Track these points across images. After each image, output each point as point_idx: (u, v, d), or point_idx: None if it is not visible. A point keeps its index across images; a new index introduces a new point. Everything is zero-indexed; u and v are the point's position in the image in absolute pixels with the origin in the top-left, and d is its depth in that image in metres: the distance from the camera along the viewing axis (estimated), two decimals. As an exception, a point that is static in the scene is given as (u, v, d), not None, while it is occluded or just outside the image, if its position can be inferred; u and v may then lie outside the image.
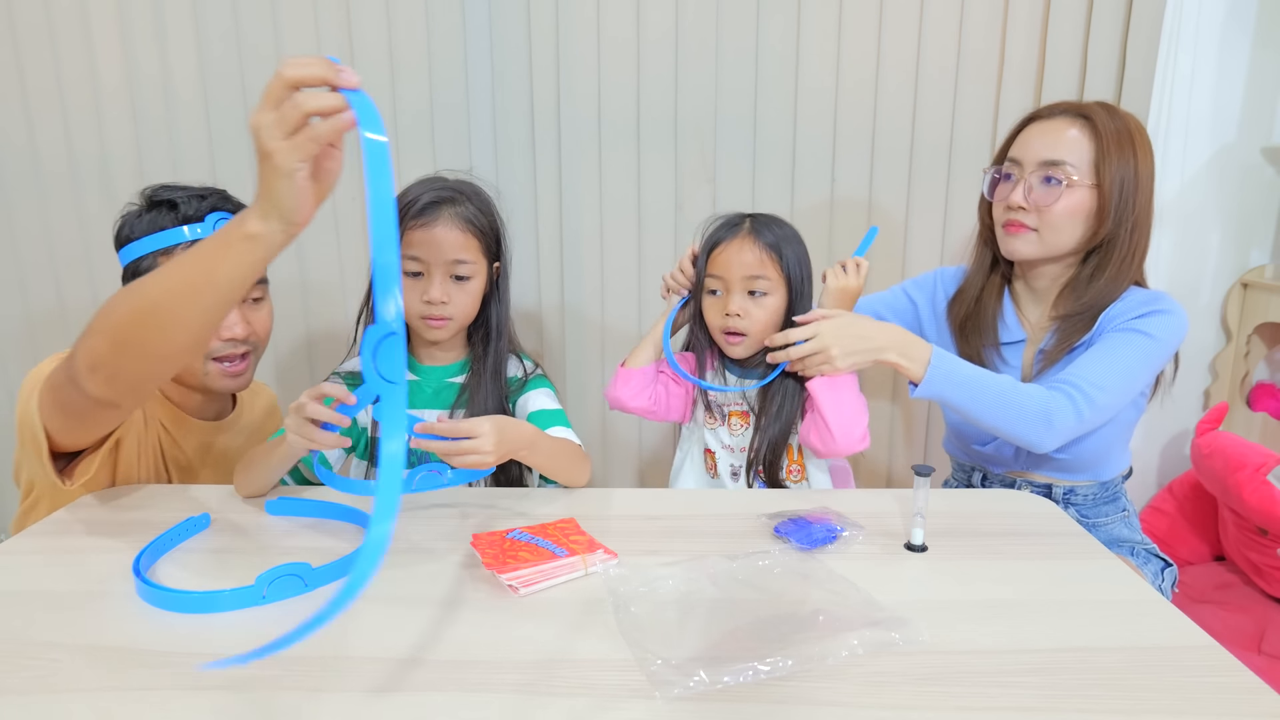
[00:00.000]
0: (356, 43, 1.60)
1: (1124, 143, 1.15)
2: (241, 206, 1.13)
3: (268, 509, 1.00)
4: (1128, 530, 1.29)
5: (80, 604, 0.79)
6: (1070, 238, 1.18)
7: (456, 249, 1.12)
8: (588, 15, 1.59)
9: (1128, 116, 1.18)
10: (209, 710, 0.63)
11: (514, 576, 0.82)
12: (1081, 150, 1.16)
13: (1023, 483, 1.30)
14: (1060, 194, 1.16)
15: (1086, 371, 1.12)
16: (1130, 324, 1.14)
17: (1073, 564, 0.89)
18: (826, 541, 0.92)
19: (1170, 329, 1.14)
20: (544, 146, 1.66)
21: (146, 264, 1.06)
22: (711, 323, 1.20)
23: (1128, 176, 1.14)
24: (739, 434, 1.23)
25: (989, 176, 1.26)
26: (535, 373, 1.25)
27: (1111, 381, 1.11)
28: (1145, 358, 1.13)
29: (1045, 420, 1.09)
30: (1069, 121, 1.18)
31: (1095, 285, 1.18)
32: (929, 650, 0.71)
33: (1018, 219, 1.20)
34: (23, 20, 1.59)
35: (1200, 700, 0.64)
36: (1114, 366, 1.12)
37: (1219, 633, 0.76)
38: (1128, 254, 1.17)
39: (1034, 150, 1.18)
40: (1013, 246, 1.21)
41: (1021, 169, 1.20)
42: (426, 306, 1.13)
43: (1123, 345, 1.13)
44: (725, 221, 1.19)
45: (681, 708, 0.63)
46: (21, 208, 1.68)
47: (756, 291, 1.15)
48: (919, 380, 1.11)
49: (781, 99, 1.63)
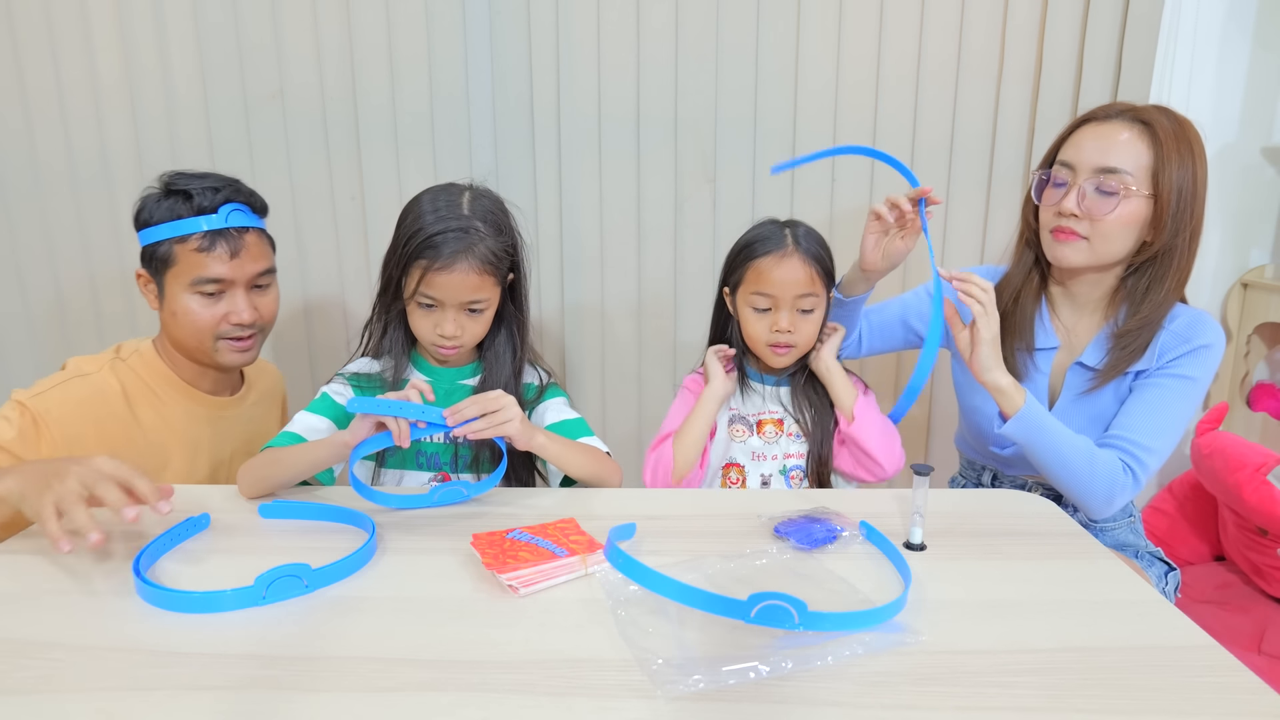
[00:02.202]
0: (356, 43, 1.60)
1: (1183, 149, 1.11)
2: (254, 196, 1.19)
3: (261, 512, 1.00)
4: (1133, 535, 1.29)
5: (80, 604, 0.79)
6: (1122, 247, 1.15)
7: (472, 290, 1.12)
8: (588, 15, 1.59)
9: (1184, 120, 1.14)
10: (209, 710, 0.63)
11: (514, 576, 0.82)
12: (1139, 157, 1.11)
13: (1034, 485, 1.30)
14: (1117, 204, 1.11)
15: (1141, 434, 1.13)
16: (1176, 367, 1.14)
17: (1073, 564, 0.89)
18: (826, 541, 0.92)
19: (1210, 365, 1.15)
20: (544, 146, 1.66)
21: (164, 249, 1.15)
22: (755, 336, 1.19)
23: (1185, 184, 1.10)
24: (772, 441, 1.23)
25: (1037, 178, 1.21)
26: (550, 382, 1.26)
27: (1162, 442, 1.14)
28: (1189, 405, 1.15)
29: (1108, 497, 1.13)
30: (1125, 125, 1.13)
31: (1152, 298, 1.15)
32: (929, 650, 0.71)
33: (1069, 225, 1.15)
34: (23, 20, 1.59)
35: (1200, 700, 0.64)
36: (1164, 423, 1.14)
37: (1219, 633, 0.76)
38: (1184, 264, 1.15)
39: (1088, 155, 1.13)
40: (1062, 254, 1.17)
41: (1075, 174, 1.15)
42: (439, 338, 1.14)
43: (1171, 397, 1.14)
44: (764, 234, 1.18)
45: (681, 707, 0.63)
46: (21, 208, 1.68)
47: (806, 308, 1.16)
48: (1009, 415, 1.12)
49: (781, 99, 1.63)
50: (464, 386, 1.21)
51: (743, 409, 1.25)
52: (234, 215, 1.15)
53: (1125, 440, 1.14)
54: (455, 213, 1.12)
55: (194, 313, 1.17)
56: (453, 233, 1.10)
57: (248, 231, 1.18)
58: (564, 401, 1.24)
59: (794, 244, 1.16)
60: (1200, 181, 1.12)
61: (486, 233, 1.12)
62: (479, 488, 1.05)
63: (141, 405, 1.19)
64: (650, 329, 1.74)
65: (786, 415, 1.23)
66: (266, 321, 1.23)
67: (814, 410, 1.23)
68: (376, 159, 1.65)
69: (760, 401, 1.25)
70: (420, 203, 1.14)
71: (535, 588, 0.81)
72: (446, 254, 1.09)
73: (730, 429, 1.24)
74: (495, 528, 0.94)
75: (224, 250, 1.15)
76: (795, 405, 1.24)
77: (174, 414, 1.22)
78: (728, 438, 1.24)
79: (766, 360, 1.21)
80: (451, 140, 1.65)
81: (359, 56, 1.60)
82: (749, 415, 1.24)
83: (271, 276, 1.23)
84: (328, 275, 1.72)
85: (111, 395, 1.16)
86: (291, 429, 1.12)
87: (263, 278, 1.21)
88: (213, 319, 1.17)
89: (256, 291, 1.21)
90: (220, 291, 1.17)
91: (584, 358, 1.76)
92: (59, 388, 1.13)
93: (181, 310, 1.17)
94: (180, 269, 1.15)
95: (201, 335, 1.18)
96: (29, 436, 1.07)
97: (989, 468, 1.35)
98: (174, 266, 1.15)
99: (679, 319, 1.73)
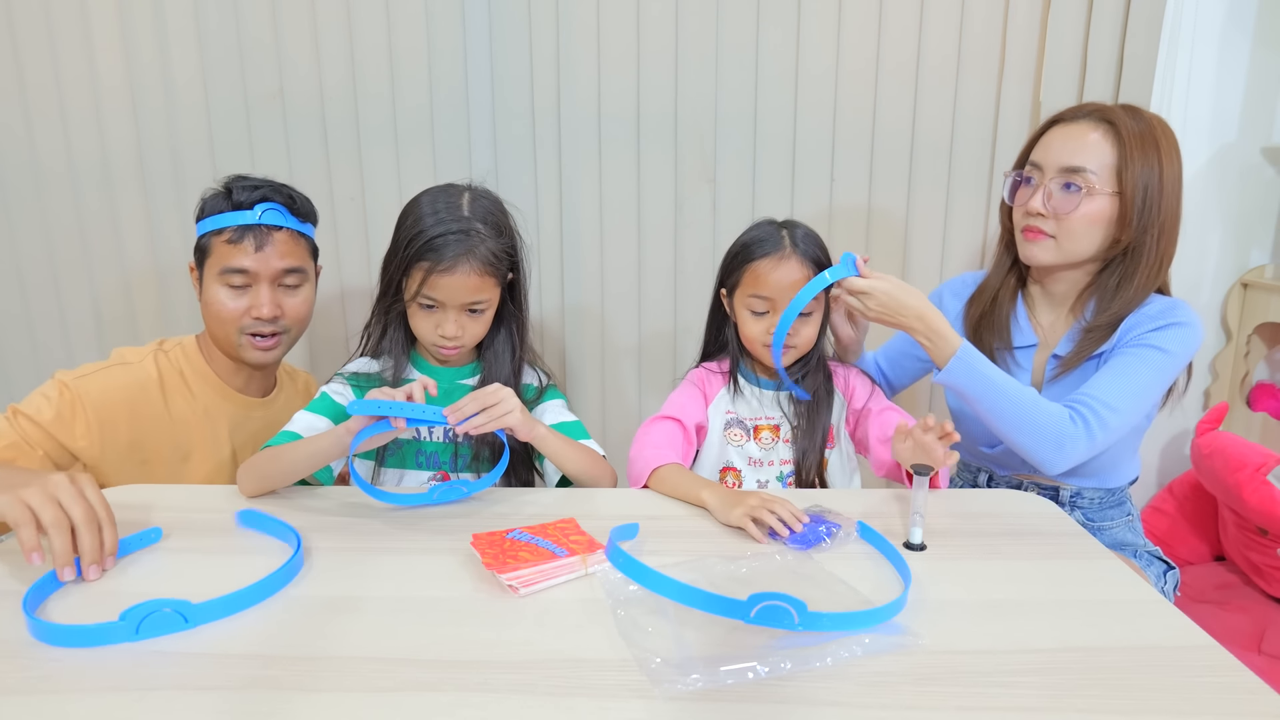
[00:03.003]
0: (356, 43, 1.60)
1: (1148, 147, 1.13)
2: (295, 200, 1.23)
3: (239, 520, 0.98)
4: (1131, 535, 1.29)
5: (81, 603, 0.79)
6: (1089, 245, 1.17)
7: (473, 291, 1.12)
8: (588, 15, 1.59)
9: (1153, 119, 1.15)
10: (209, 710, 0.63)
11: (514, 576, 0.82)
12: (1103, 156, 1.14)
13: (1029, 485, 1.30)
14: (1080, 201, 1.14)
15: (1101, 391, 1.11)
16: (1146, 338, 1.13)
17: (1073, 564, 0.89)
18: (820, 540, 0.92)
19: (1185, 341, 1.13)
20: (544, 146, 1.65)
21: (204, 241, 1.21)
22: (753, 338, 1.18)
23: (1151, 182, 1.12)
24: (769, 448, 1.22)
25: (1010, 180, 1.24)
26: (549, 384, 1.26)
27: (1125, 403, 1.11)
28: (1158, 374, 1.12)
29: (1057, 444, 1.09)
30: (1091, 125, 1.15)
31: (1122, 294, 1.17)
32: (929, 650, 0.71)
33: (1036, 225, 1.18)
34: (23, 20, 1.59)
35: (1200, 700, 0.64)
36: (1128, 386, 1.11)
37: (1219, 633, 0.76)
38: (1154, 261, 1.15)
39: (1055, 155, 1.16)
40: (1031, 253, 1.20)
41: (1042, 174, 1.18)
42: (440, 338, 1.14)
43: (1137, 363, 1.12)
44: (761, 236, 1.17)
45: (681, 707, 0.63)
46: (21, 207, 1.68)
47: (804, 311, 1.14)
48: (941, 365, 1.12)
49: (781, 99, 1.63)
50: (464, 386, 1.21)
51: (740, 413, 1.23)
52: (268, 214, 1.19)
53: (1081, 395, 1.13)
54: (455, 214, 1.12)
55: (220, 303, 1.20)
56: (453, 234, 1.10)
57: (280, 230, 1.20)
58: (562, 404, 1.25)
59: (791, 246, 1.15)
60: (1168, 179, 1.14)
61: (487, 234, 1.12)
62: (480, 485, 1.06)
63: (175, 395, 1.22)
64: (650, 329, 1.74)
65: (784, 421, 1.23)
66: (292, 322, 1.24)
67: (807, 419, 1.21)
68: (376, 159, 1.65)
69: (758, 406, 1.23)
70: (420, 204, 1.14)
71: (535, 588, 0.81)
72: (448, 256, 1.09)
73: (726, 433, 1.23)
74: (495, 528, 0.94)
75: (250, 243, 1.18)
76: (794, 412, 1.22)
77: (204, 407, 1.24)
78: (723, 441, 1.23)
79: (764, 361, 1.20)
80: (451, 140, 1.65)
81: (359, 56, 1.60)
82: (746, 420, 1.23)
83: (302, 277, 1.24)
84: (328, 275, 1.71)
85: (149, 384, 1.20)
86: (291, 428, 1.12)
87: (290, 276, 1.22)
88: (237, 311, 1.20)
89: (284, 290, 1.23)
90: (246, 285, 1.19)
91: (584, 358, 1.76)
92: (102, 372, 1.17)
93: (211, 300, 1.20)
94: (214, 259, 1.19)
95: (227, 327, 1.21)
96: (65, 418, 1.12)
97: (984, 468, 1.36)
98: (210, 257, 1.20)
99: (679, 319, 1.73)
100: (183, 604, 0.74)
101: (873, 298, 1.11)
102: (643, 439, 1.17)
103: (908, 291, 1.12)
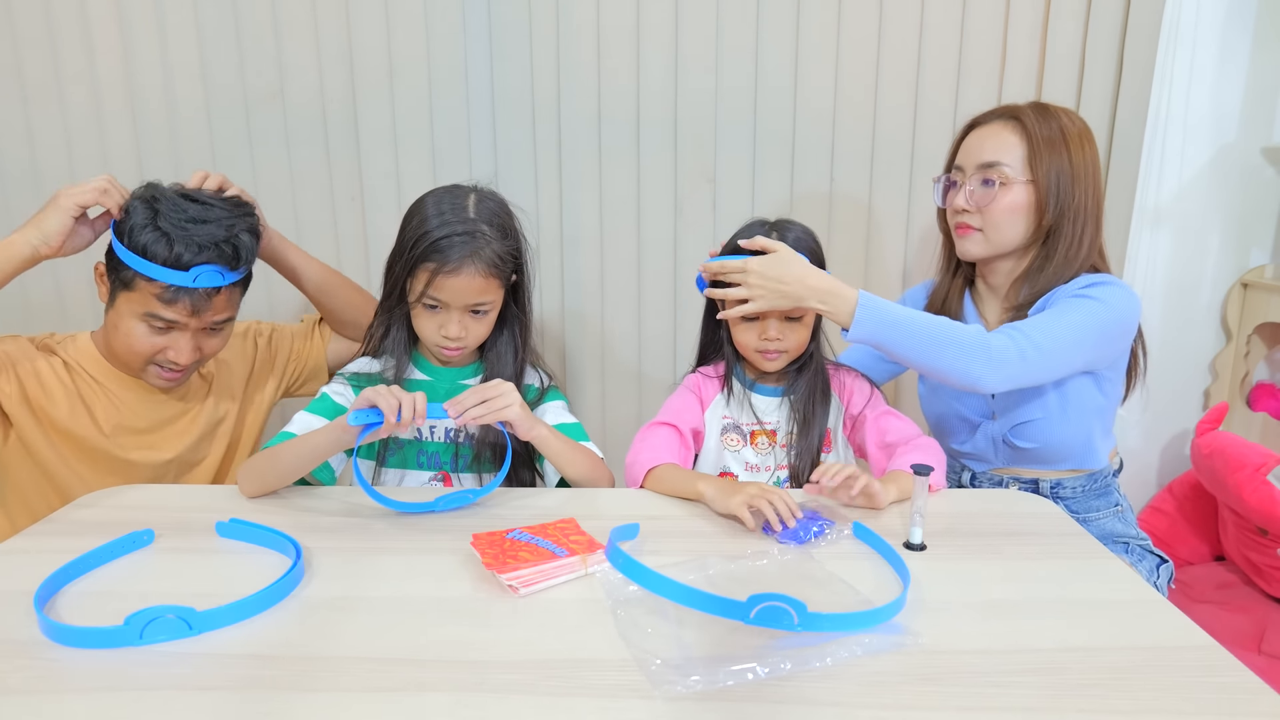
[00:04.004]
0: (356, 43, 1.60)
1: (1054, 139, 1.19)
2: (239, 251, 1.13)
3: (218, 530, 0.96)
4: (1121, 525, 1.29)
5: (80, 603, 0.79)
6: (1014, 233, 1.22)
7: (478, 293, 1.12)
8: (588, 15, 1.59)
9: (1061, 113, 1.22)
10: (209, 710, 0.63)
11: (514, 576, 0.82)
12: (1014, 150, 1.21)
13: (1009, 480, 1.31)
14: (996, 193, 1.21)
15: (1030, 323, 1.14)
16: (1077, 293, 1.16)
17: (1073, 564, 0.89)
18: (811, 537, 0.92)
19: (1118, 298, 1.15)
20: (544, 147, 1.65)
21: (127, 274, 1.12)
22: (745, 343, 1.18)
23: (1063, 170, 1.18)
24: (765, 453, 1.22)
25: (939, 185, 1.30)
26: (550, 385, 1.26)
27: (1055, 330, 1.12)
28: (1091, 317, 1.14)
29: (984, 351, 1.08)
30: (1003, 124, 1.23)
31: (1045, 274, 1.21)
32: (929, 650, 0.71)
33: (964, 220, 1.25)
34: (23, 20, 1.59)
35: (1200, 700, 0.64)
36: (1059, 321, 1.13)
37: (1219, 633, 0.76)
38: (1073, 243, 1.20)
39: (973, 154, 1.24)
40: (964, 248, 1.27)
41: (964, 174, 1.25)
42: (443, 339, 1.14)
43: (1069, 308, 1.15)
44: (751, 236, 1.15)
45: (681, 708, 0.63)
46: (22, 208, 1.68)
47: (794, 316, 1.14)
48: (847, 324, 1.09)
49: (781, 99, 1.63)
50: (465, 387, 1.21)
51: (737, 418, 1.23)
52: (203, 277, 1.09)
53: (1013, 324, 1.14)
54: (461, 216, 1.12)
55: (135, 337, 1.13)
56: (459, 236, 1.09)
57: (217, 291, 1.13)
58: (563, 405, 1.25)
59: None
60: (1079, 166, 1.19)
61: (492, 236, 1.12)
62: (483, 492, 1.05)
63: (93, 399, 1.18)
64: (650, 330, 1.74)
65: (781, 426, 1.22)
66: (207, 356, 1.19)
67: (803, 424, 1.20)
68: (376, 159, 1.65)
69: (754, 412, 1.22)
70: (426, 205, 1.14)
71: (535, 588, 0.81)
72: (453, 258, 1.09)
73: (723, 438, 1.23)
74: (495, 528, 0.94)
75: (185, 305, 1.10)
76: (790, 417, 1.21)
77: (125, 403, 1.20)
78: (720, 446, 1.23)
79: (757, 365, 1.19)
80: (451, 141, 1.65)
81: (359, 56, 1.60)
82: (743, 425, 1.22)
83: (229, 323, 1.19)
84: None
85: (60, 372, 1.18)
86: (290, 429, 1.12)
87: (218, 324, 1.17)
88: (151, 348, 1.14)
89: (205, 333, 1.16)
90: (168, 329, 1.13)
91: (584, 359, 1.76)
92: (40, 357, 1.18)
93: (124, 330, 1.13)
94: (137, 297, 1.11)
95: (133, 357, 1.15)
96: None
97: (964, 465, 1.38)
98: (132, 291, 1.11)
99: (679, 320, 1.73)
100: (187, 610, 0.73)
101: (750, 274, 1.08)
102: (640, 444, 1.17)
103: (785, 261, 1.10)
